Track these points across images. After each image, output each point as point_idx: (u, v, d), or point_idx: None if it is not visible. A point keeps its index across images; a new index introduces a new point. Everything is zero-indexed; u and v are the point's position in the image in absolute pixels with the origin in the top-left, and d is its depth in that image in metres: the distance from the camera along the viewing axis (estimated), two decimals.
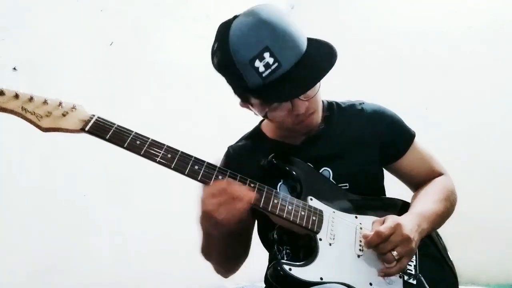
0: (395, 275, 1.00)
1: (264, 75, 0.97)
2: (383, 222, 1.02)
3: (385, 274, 1.00)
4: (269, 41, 0.96)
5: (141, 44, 2.33)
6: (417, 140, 1.23)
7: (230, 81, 1.07)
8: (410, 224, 1.00)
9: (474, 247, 2.47)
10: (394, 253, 0.96)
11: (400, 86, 2.76)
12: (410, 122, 1.29)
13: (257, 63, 0.96)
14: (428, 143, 1.30)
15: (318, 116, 1.14)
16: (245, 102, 1.10)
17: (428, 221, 1.07)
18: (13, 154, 1.82)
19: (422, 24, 2.78)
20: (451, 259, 1.20)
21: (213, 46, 1.06)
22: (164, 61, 2.40)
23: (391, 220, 1.00)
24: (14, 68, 1.83)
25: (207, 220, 0.95)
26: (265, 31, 0.97)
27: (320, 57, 1.00)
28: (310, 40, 1.04)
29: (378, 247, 0.98)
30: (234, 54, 0.98)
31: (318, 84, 1.04)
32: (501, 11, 2.58)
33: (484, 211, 2.45)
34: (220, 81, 2.79)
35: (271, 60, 0.96)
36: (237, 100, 1.14)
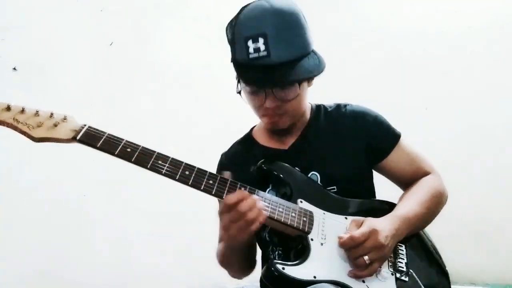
0: (364, 277, 1.01)
1: (250, 56, 1.02)
2: (361, 225, 1.03)
3: (354, 275, 1.01)
4: (270, 30, 1.01)
5: (141, 44, 2.33)
6: (404, 140, 1.24)
7: (229, 43, 1.11)
8: (386, 229, 1.02)
9: (474, 247, 2.48)
10: (366, 257, 0.98)
11: (400, 86, 2.76)
12: (410, 122, 1.30)
13: (250, 43, 1.01)
14: (427, 143, 1.30)
15: (290, 119, 1.15)
16: (236, 76, 1.14)
17: (409, 223, 1.08)
18: (13, 154, 1.82)
19: (422, 24, 2.78)
20: (441, 257, 1.21)
21: None
22: (164, 61, 2.40)
23: (367, 225, 1.02)
24: (14, 68, 1.83)
25: (224, 233, 0.99)
26: (271, 20, 1.02)
27: (306, 69, 1.05)
28: (313, 52, 1.09)
29: (351, 251, 0.99)
30: (237, 25, 1.06)
31: (297, 90, 1.08)
32: (501, 11, 2.58)
33: (484, 212, 2.45)
34: (220, 81, 2.77)
35: (262, 47, 1.01)
36: (236, 100, 1.15)
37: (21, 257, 1.79)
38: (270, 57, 1.00)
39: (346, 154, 1.18)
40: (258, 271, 1.26)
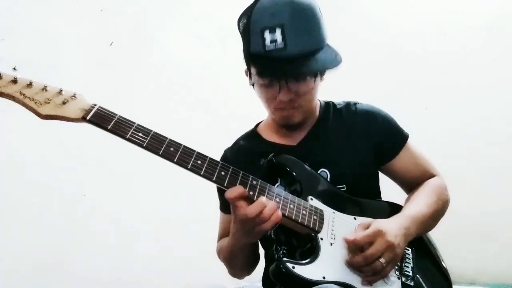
0: (378, 280, 1.00)
1: (266, 48, 1.00)
2: (368, 227, 1.02)
3: (368, 282, 1.00)
4: (288, 22, 1.00)
5: (141, 44, 2.33)
6: (410, 141, 1.23)
7: (242, 35, 1.09)
8: (395, 229, 1.01)
9: (474, 247, 2.48)
10: (382, 260, 0.97)
11: (400, 86, 2.76)
12: (410, 122, 1.29)
13: (266, 35, 1.00)
14: (427, 142, 1.30)
15: (303, 114, 1.14)
16: (247, 68, 1.13)
17: (418, 223, 1.07)
18: (13, 152, 1.82)
19: (422, 24, 2.78)
20: (443, 261, 1.20)
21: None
22: (164, 61, 2.40)
23: (373, 227, 1.00)
24: (14, 68, 1.82)
25: (242, 235, 1.00)
26: (289, 12, 1.00)
27: (323, 61, 1.03)
28: (328, 46, 1.08)
29: (366, 258, 0.97)
30: (253, 16, 1.03)
31: (311, 84, 1.07)
32: (501, 11, 2.58)
33: (485, 211, 2.45)
34: (219, 80, 2.77)
35: (279, 39, 0.99)
36: (235, 99, 1.15)
37: (22, 256, 1.79)
38: (286, 49, 0.99)
39: (355, 153, 1.17)
40: (258, 271, 1.26)
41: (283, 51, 0.99)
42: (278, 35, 0.99)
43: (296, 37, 1.00)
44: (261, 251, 1.26)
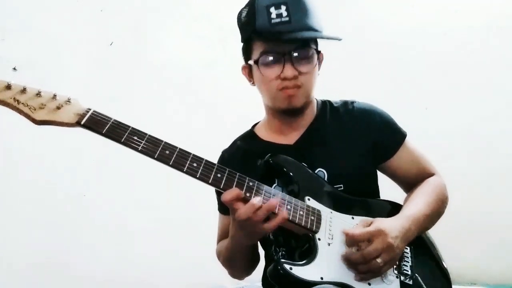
0: (372, 278, 1.01)
1: (273, 21, 1.06)
2: (369, 225, 1.03)
3: (361, 279, 1.00)
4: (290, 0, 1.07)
5: (141, 44, 2.33)
6: (408, 140, 1.23)
7: (245, 23, 1.13)
8: (395, 229, 1.01)
9: (474, 247, 2.47)
10: (379, 260, 0.97)
11: (400, 85, 2.76)
12: (410, 122, 1.29)
13: (272, 10, 1.06)
14: (428, 142, 1.30)
15: (305, 97, 1.14)
16: (246, 57, 1.16)
17: (417, 223, 1.07)
18: (12, 151, 1.82)
19: (422, 24, 2.78)
20: (443, 260, 1.20)
21: None
22: (164, 61, 2.40)
23: (375, 226, 1.01)
24: (14, 68, 1.83)
25: (241, 237, 1.01)
26: None
27: (324, 34, 1.10)
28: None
29: (364, 256, 0.98)
30: None
31: (313, 63, 1.10)
32: (501, 11, 2.58)
33: (485, 211, 2.45)
34: (220, 81, 2.77)
35: (285, 14, 1.06)
36: (235, 100, 1.15)
37: (21, 255, 1.79)
38: (291, 23, 1.05)
39: (353, 152, 1.17)
40: (257, 271, 1.26)
41: (288, 24, 1.05)
42: (283, 10, 1.06)
43: (299, 13, 1.06)
44: (261, 251, 1.26)
